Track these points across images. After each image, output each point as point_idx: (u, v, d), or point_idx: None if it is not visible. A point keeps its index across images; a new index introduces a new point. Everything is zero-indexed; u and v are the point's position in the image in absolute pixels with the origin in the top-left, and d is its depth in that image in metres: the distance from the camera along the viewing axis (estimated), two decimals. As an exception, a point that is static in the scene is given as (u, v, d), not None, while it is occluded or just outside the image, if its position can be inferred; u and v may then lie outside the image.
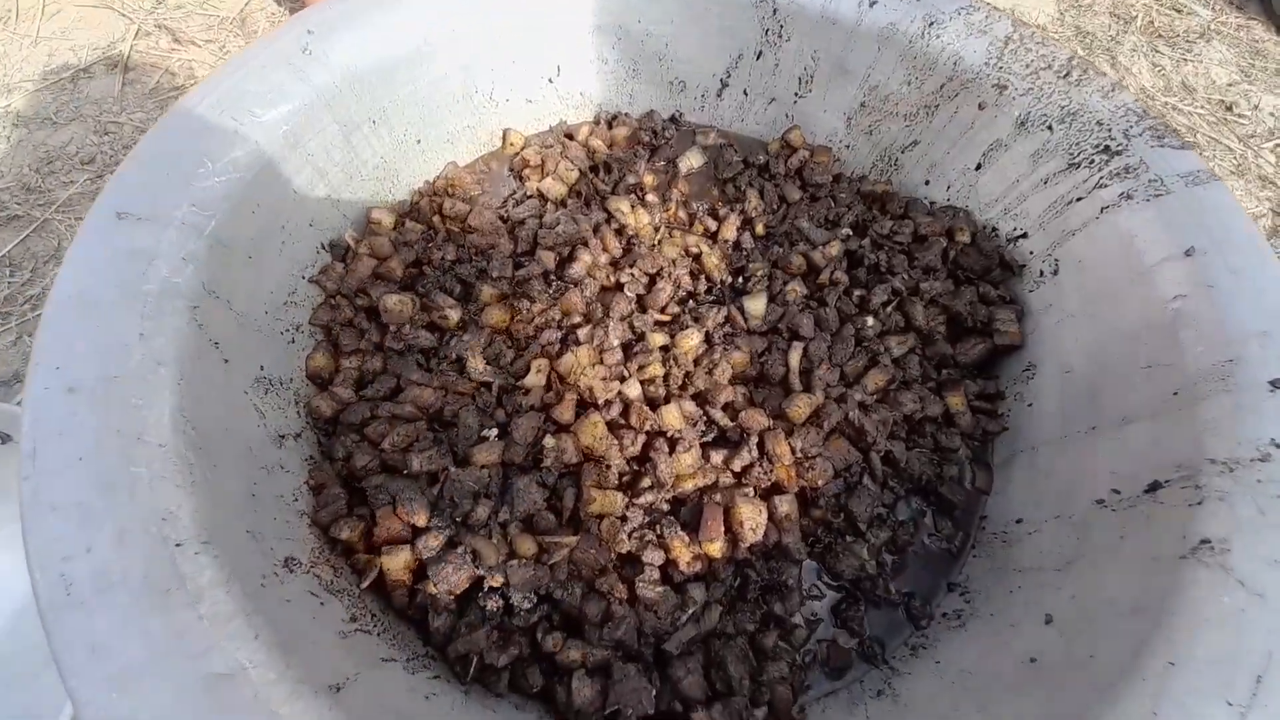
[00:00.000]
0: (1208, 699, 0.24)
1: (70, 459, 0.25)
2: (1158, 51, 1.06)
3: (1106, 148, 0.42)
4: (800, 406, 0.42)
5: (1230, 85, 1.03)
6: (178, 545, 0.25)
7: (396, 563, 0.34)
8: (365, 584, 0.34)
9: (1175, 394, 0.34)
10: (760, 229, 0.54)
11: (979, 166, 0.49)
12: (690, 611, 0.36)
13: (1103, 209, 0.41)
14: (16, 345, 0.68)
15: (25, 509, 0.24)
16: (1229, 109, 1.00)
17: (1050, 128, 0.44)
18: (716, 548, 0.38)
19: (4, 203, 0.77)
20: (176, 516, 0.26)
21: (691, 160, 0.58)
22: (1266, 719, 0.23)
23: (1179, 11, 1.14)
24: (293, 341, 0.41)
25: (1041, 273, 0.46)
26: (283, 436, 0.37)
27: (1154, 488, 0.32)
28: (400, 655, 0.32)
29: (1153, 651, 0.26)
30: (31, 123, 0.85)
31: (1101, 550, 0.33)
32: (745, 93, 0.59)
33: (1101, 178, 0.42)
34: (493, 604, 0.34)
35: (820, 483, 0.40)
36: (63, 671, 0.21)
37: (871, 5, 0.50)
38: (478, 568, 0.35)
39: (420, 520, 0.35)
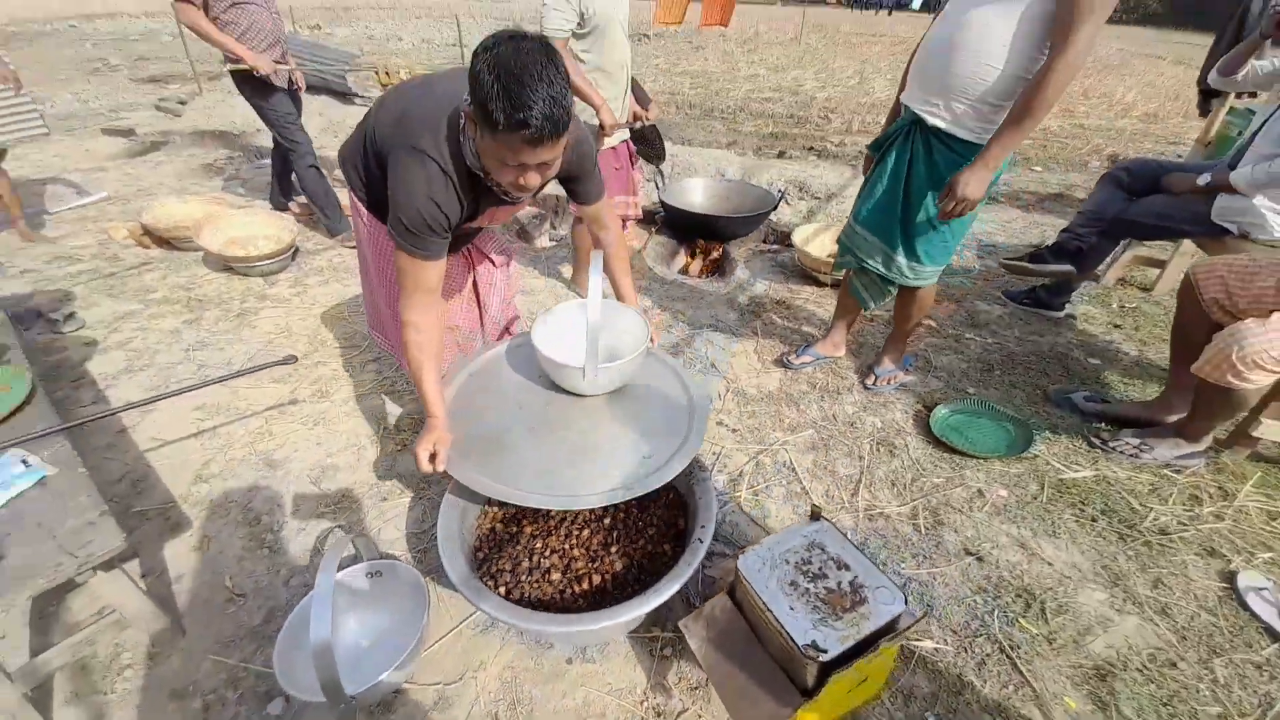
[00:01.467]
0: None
1: (451, 524, 1.33)
2: (823, 401, 2.33)
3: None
4: (613, 551, 1.49)
5: (854, 412, 2.27)
6: (462, 543, 1.30)
7: (504, 567, 1.38)
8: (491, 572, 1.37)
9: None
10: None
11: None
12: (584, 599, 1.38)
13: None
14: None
15: (445, 524, 1.30)
16: (852, 425, 2.22)
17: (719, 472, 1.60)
18: (589, 587, 1.41)
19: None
20: (464, 540, 1.32)
21: (594, 474, 1.74)
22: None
23: (841, 377, 2.45)
24: (471, 532, 1.50)
25: (695, 510, 1.57)
26: (470, 545, 1.43)
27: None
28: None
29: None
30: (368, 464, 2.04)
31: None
32: (611, 451, 1.77)
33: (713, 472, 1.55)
34: (529, 576, 1.37)
35: (619, 568, 1.45)
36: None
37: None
38: (527, 572, 1.38)
39: (508, 568, 1.40)
